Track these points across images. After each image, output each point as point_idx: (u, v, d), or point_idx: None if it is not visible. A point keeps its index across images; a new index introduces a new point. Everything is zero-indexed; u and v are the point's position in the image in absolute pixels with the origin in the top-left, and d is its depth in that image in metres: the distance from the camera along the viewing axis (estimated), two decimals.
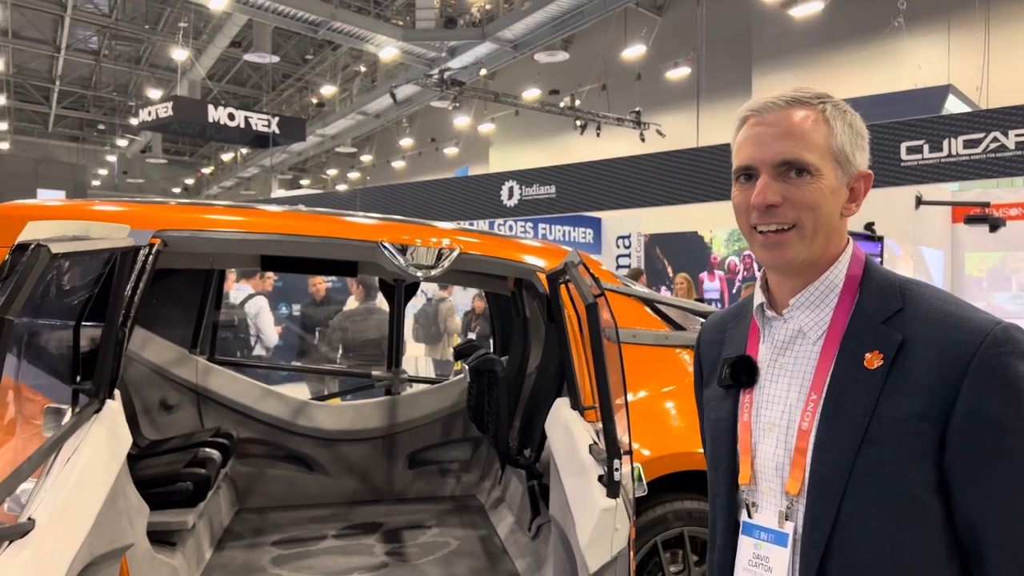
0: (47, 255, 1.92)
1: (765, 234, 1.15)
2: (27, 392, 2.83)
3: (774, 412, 1.20)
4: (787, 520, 1.17)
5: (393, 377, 4.69)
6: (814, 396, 1.14)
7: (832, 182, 1.14)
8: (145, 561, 2.85)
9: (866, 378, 1.10)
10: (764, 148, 1.15)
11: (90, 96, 28.81)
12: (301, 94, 29.03)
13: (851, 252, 1.20)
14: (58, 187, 14.90)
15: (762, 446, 1.21)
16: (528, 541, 3.64)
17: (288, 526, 4.10)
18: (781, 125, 1.15)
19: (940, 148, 5.97)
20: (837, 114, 1.17)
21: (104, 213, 2.95)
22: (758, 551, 1.20)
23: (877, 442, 1.07)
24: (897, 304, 1.13)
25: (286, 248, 3.23)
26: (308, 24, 18.06)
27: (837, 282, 1.18)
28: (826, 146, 1.14)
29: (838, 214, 1.17)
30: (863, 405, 1.09)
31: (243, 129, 18.88)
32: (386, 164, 31.72)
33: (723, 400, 1.29)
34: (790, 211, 1.13)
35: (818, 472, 1.12)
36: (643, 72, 19.60)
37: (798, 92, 1.18)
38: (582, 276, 2.68)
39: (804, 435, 1.14)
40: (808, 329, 1.19)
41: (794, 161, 1.13)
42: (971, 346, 1.05)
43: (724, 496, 1.28)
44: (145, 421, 4.16)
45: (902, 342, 1.09)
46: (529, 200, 8.59)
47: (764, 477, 1.21)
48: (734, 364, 1.26)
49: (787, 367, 1.20)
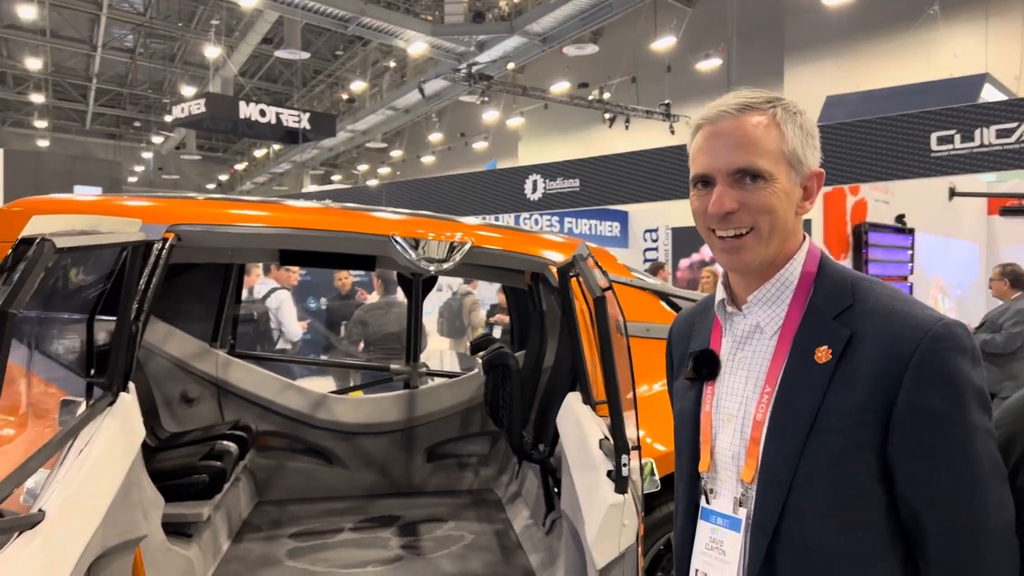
0: (52, 249, 1.93)
1: (724, 239, 1.20)
2: (41, 385, 2.87)
3: (733, 403, 1.25)
4: (740, 506, 1.22)
5: (411, 371, 4.70)
6: (768, 389, 1.20)
7: (786, 185, 1.19)
8: (160, 552, 2.88)
9: (815, 372, 1.15)
10: (719, 157, 1.19)
11: (126, 94, 29.31)
12: (332, 90, 29.24)
13: (806, 250, 1.25)
14: (94, 183, 15.14)
15: (721, 436, 1.26)
16: (542, 536, 3.62)
17: (306, 519, 4.12)
18: (734, 133, 1.18)
19: (972, 138, 5.82)
20: (787, 117, 1.20)
21: (118, 207, 2.97)
22: (714, 535, 1.26)
23: (824, 433, 1.12)
24: (848, 300, 1.18)
25: (299, 242, 3.24)
26: (337, 20, 18.17)
27: (792, 279, 1.23)
28: (778, 150, 1.18)
29: (793, 214, 1.21)
30: (812, 397, 1.14)
31: (274, 125, 19.05)
32: (416, 159, 31.85)
33: (688, 391, 1.35)
34: (747, 216, 1.18)
35: (769, 461, 1.17)
36: (673, 64, 19.43)
37: (748, 98, 1.21)
38: (590, 269, 2.65)
39: (758, 426, 1.19)
40: (764, 324, 1.24)
41: (748, 168, 1.17)
42: (913, 341, 1.10)
43: (685, 483, 1.34)
44: (166, 414, 4.20)
45: (850, 337, 1.14)
46: (553, 194, 8.56)
47: (722, 465, 1.26)
48: (697, 357, 1.32)
49: (745, 361, 1.26)
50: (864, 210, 7.29)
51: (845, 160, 6.62)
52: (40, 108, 29.42)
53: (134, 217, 2.79)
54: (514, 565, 3.57)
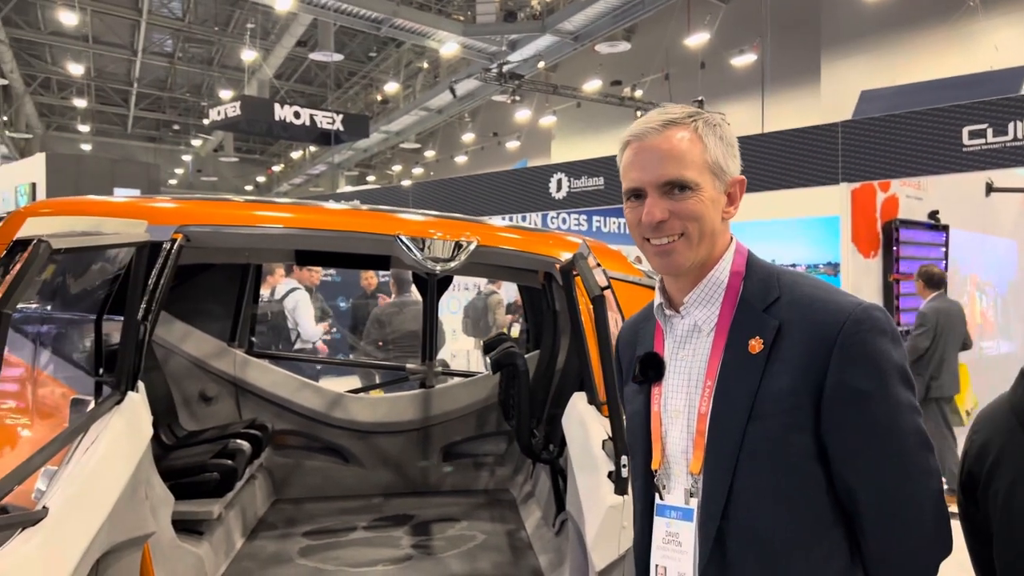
0: (47, 250, 1.95)
1: (657, 245, 1.27)
2: (51, 383, 2.93)
3: (678, 400, 1.31)
4: (692, 497, 1.27)
5: (427, 370, 4.71)
6: (709, 382, 1.26)
7: (711, 192, 1.26)
8: (169, 549, 2.91)
9: (750, 362, 1.22)
10: (648, 171, 1.26)
11: (166, 97, 29.85)
12: (366, 91, 29.45)
13: (734, 250, 1.32)
14: (133, 186, 15.42)
15: (671, 432, 1.31)
16: (552, 536, 3.61)
17: (321, 517, 4.15)
18: (661, 148, 1.25)
19: (1005, 131, 5.65)
20: (709, 130, 1.27)
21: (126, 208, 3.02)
22: (669, 529, 1.30)
23: (762, 418, 1.19)
24: (775, 293, 1.25)
25: (306, 242, 3.27)
26: (370, 22, 18.29)
27: (723, 279, 1.30)
28: (702, 161, 1.25)
29: (719, 219, 1.29)
30: (748, 386, 1.20)
31: (308, 127, 19.26)
32: (449, 159, 31.94)
33: (637, 395, 1.39)
34: (677, 223, 1.25)
35: (713, 449, 1.23)
36: (707, 60, 19.19)
37: (670, 114, 1.28)
38: (590, 268, 2.62)
39: (703, 418, 1.25)
40: (702, 323, 1.31)
41: (676, 180, 1.24)
42: (835, 326, 1.18)
43: (640, 481, 1.38)
44: (184, 412, 4.27)
45: (779, 327, 1.21)
46: (577, 192, 8.51)
47: (673, 460, 1.31)
48: (642, 361, 1.37)
49: (686, 359, 1.32)
50: (895, 207, 7.13)
51: (874, 156, 6.48)
52: (83, 112, 30.09)
53: (140, 218, 2.83)
54: (523, 566, 3.56)
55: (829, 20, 17.21)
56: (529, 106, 24.03)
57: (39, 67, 26.17)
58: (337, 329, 9.08)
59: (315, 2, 16.92)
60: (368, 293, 7.80)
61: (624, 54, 19.88)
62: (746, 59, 18.12)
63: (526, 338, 5.00)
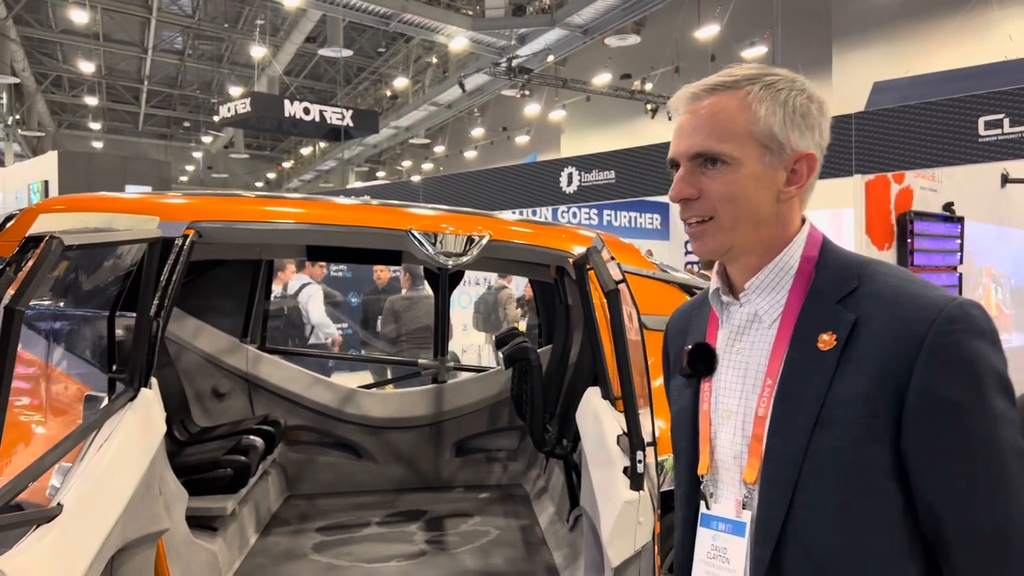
0: (59, 247, 1.94)
1: (689, 224, 1.15)
2: (64, 380, 2.93)
3: (731, 399, 1.17)
4: (745, 509, 1.13)
5: (440, 365, 4.69)
6: (769, 381, 1.11)
7: (755, 169, 1.10)
8: (183, 545, 2.91)
9: (819, 360, 1.06)
10: (680, 140, 1.14)
11: (176, 95, 29.95)
12: (375, 87, 29.47)
13: (806, 233, 1.16)
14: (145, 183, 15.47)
15: (721, 435, 1.18)
16: (566, 532, 3.59)
17: (334, 512, 4.15)
18: (698, 116, 1.13)
19: (1021, 122, 5.59)
20: (766, 95, 1.11)
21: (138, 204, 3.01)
22: (716, 543, 1.16)
23: (830, 426, 1.03)
24: (853, 283, 1.09)
25: (318, 237, 3.26)
26: (379, 17, 18.26)
27: (791, 264, 1.14)
28: (746, 132, 1.10)
29: (771, 199, 1.12)
30: (816, 388, 1.05)
31: (318, 123, 19.29)
32: (459, 154, 31.93)
33: (684, 390, 1.26)
34: (705, 204, 1.12)
35: (772, 458, 1.08)
36: (717, 53, 19.06)
37: (722, 76, 1.14)
38: (603, 263, 2.60)
39: (760, 421, 1.11)
40: (763, 313, 1.16)
41: (705, 152, 1.11)
42: (923, 323, 1.01)
43: (685, 487, 1.25)
44: (197, 408, 4.27)
45: (855, 322, 1.06)
46: (588, 186, 8.47)
47: (723, 466, 1.17)
48: (691, 352, 1.23)
49: (743, 353, 1.17)
50: (909, 198, 7.06)
51: (888, 147, 6.42)
52: (94, 110, 30.24)
53: (153, 214, 2.82)
54: (536, 561, 3.55)
55: (840, 11, 17.08)
56: (538, 100, 23.97)
57: (50, 65, 26.31)
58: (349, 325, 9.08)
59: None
60: (380, 288, 7.80)
61: (634, 47, 19.78)
62: (757, 51, 18.01)
63: (538, 332, 4.98)
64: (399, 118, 27.08)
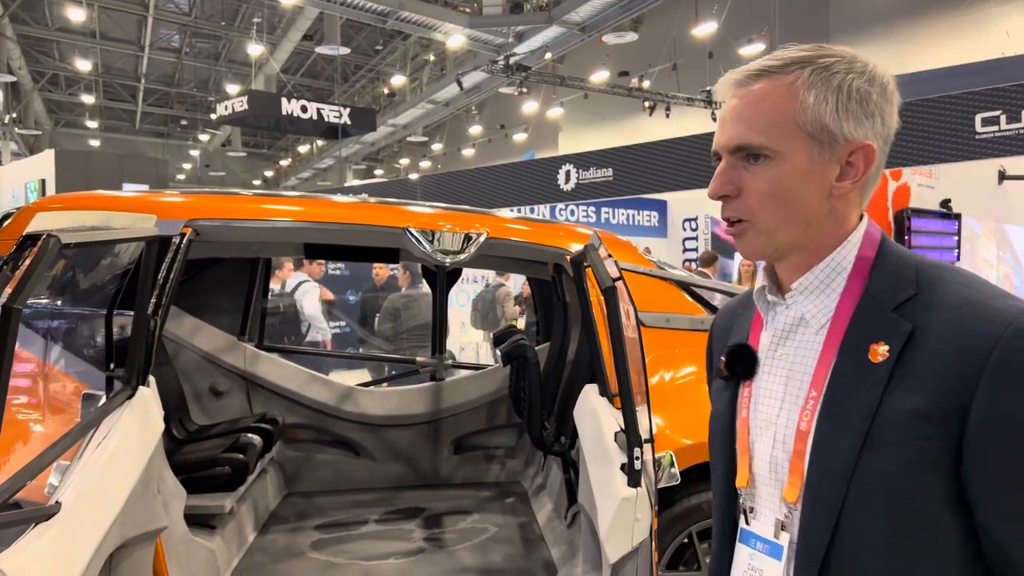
0: (57, 245, 1.94)
1: (729, 223, 1.07)
2: (59, 378, 2.93)
3: (771, 408, 1.09)
4: (783, 531, 1.05)
5: (438, 363, 4.70)
6: (814, 393, 1.02)
7: (802, 163, 1.00)
8: (182, 544, 2.92)
9: (870, 372, 0.97)
10: (722, 131, 1.05)
11: (173, 93, 29.93)
12: (373, 85, 29.46)
13: (863, 231, 1.06)
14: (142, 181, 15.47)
15: (759, 445, 1.10)
16: (564, 529, 3.60)
17: (332, 510, 4.15)
18: (741, 104, 1.03)
19: (1018, 118, 5.61)
20: (817, 80, 1.00)
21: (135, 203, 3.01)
22: (753, 562, 1.09)
23: (881, 446, 0.94)
24: (911, 289, 1.00)
25: (316, 235, 3.26)
26: (377, 15, 18.27)
27: (844, 265, 1.05)
28: (791, 123, 1.00)
29: (821, 196, 1.02)
30: (865, 404, 0.96)
31: (316, 121, 19.26)
32: (456, 152, 31.94)
33: (722, 393, 1.18)
34: (745, 202, 1.03)
35: (815, 479, 1.00)
36: (715, 50, 19.09)
37: (770, 60, 1.04)
38: (601, 260, 2.60)
39: (802, 436, 1.02)
40: (810, 317, 1.06)
41: (744, 146, 1.02)
42: (990, 337, 0.91)
43: (721, 499, 1.18)
44: (195, 407, 4.27)
45: (912, 332, 0.96)
46: (586, 184, 8.49)
47: (762, 480, 1.09)
48: (730, 353, 1.15)
49: (786, 358, 1.08)
50: (907, 195, 7.08)
51: None
52: (91, 108, 30.21)
53: (150, 212, 2.82)
54: (534, 558, 3.55)
55: (838, 8, 17.10)
56: (536, 98, 23.98)
57: (47, 64, 26.27)
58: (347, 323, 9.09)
59: None
60: (378, 285, 7.80)
61: (631, 44, 19.78)
62: (755, 48, 18.01)
63: (536, 330, 4.99)
64: (397, 116, 27.08)
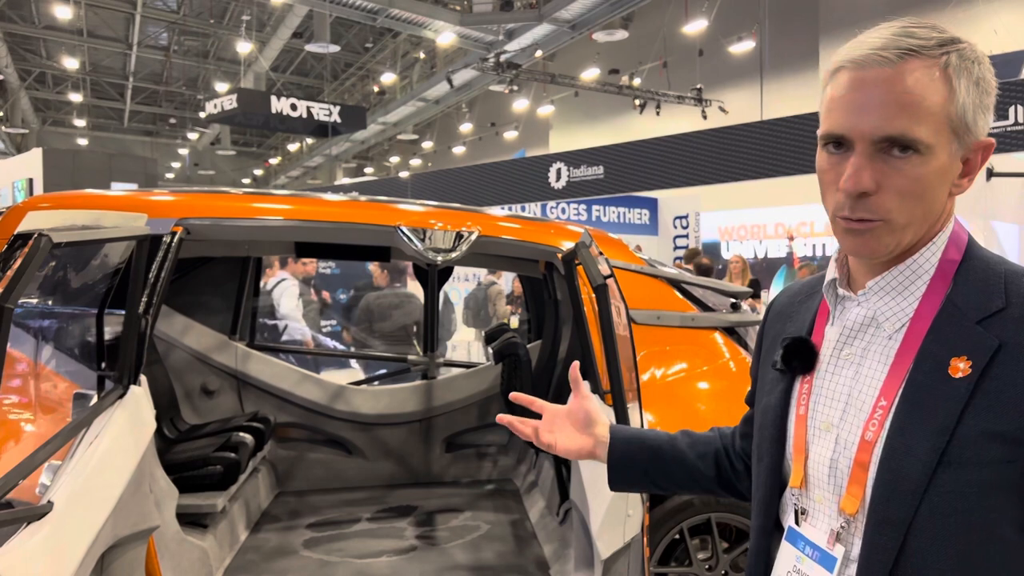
0: (48, 244, 1.94)
1: (848, 219, 0.95)
2: (51, 378, 2.92)
3: (833, 411, 1.02)
4: (838, 542, 0.99)
5: (429, 361, 4.70)
6: (883, 402, 0.96)
7: (944, 160, 0.92)
8: (174, 543, 2.92)
9: (949, 388, 0.91)
10: (863, 117, 0.91)
11: (162, 91, 29.75)
12: (363, 83, 29.38)
13: (950, 232, 0.99)
14: (130, 180, 15.40)
15: (816, 447, 1.03)
16: (556, 526, 3.61)
17: (325, 509, 4.16)
18: (888, 87, 0.90)
19: (1006, 116, 5.65)
20: (963, 68, 0.91)
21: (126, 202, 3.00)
22: (800, 566, 1.04)
23: (957, 466, 0.89)
24: (999, 302, 0.93)
25: (307, 234, 3.26)
26: (366, 12, 18.21)
27: (928, 267, 0.98)
28: (943, 114, 0.91)
29: (945, 195, 0.95)
30: (943, 420, 0.90)
31: (305, 119, 19.23)
32: (447, 150, 31.88)
33: (776, 385, 1.12)
34: (885, 200, 0.92)
35: (882, 495, 0.93)
36: (705, 48, 19.14)
37: (914, 37, 0.92)
38: (592, 258, 2.61)
39: (867, 446, 0.96)
40: (884, 319, 0.99)
41: (901, 138, 0.90)
42: None
43: (763, 493, 1.12)
44: (186, 406, 4.26)
45: (998, 348, 0.90)
46: (577, 181, 8.51)
47: (816, 484, 1.03)
48: (789, 345, 1.08)
49: (854, 359, 1.02)
50: None
51: None
52: (79, 107, 30.02)
53: (141, 211, 2.82)
54: (527, 555, 3.56)
55: (827, 6, 17.15)
56: (527, 96, 23.97)
57: (34, 62, 26.08)
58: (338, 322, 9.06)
59: None
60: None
61: (622, 42, 19.80)
62: (744, 46, 18.06)
63: (527, 328, 5.00)
64: (387, 114, 27.01)
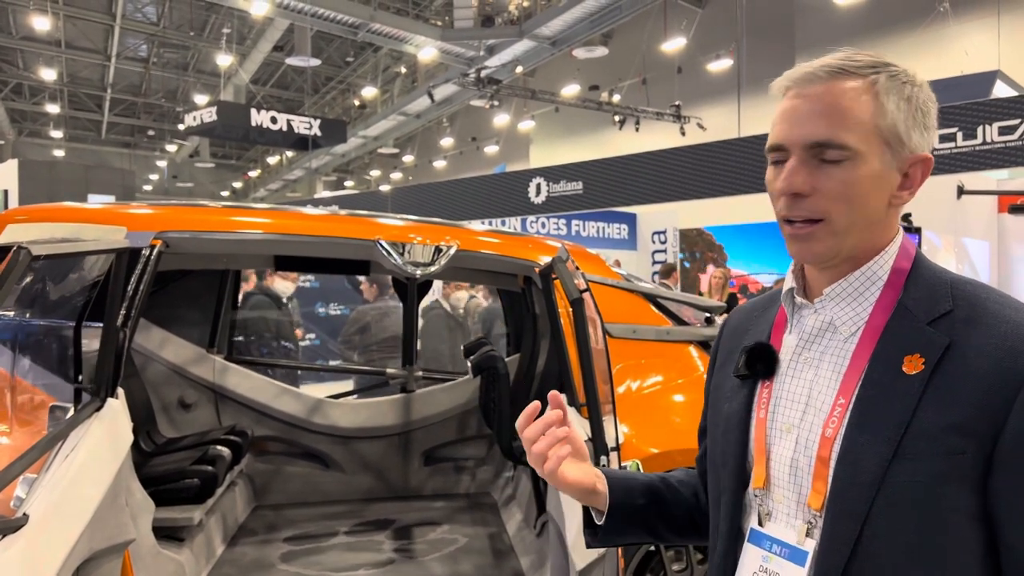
0: (27, 257, 1.95)
1: (791, 223, 1.03)
2: (27, 390, 2.91)
3: (794, 412, 1.07)
4: (808, 537, 1.03)
5: (408, 374, 4.71)
6: (842, 400, 1.01)
7: (876, 167, 1.00)
8: (150, 556, 2.90)
9: (903, 384, 0.97)
10: (796, 126, 1.01)
11: (140, 103, 29.59)
12: (343, 96, 29.40)
13: (899, 243, 1.07)
14: (108, 192, 15.27)
15: (778, 448, 1.08)
16: (533, 539, 3.63)
17: (302, 523, 4.15)
18: (819, 100, 1.00)
19: (974, 135, 5.78)
20: (892, 87, 1.01)
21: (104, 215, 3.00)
22: (767, 564, 1.08)
23: (911, 458, 0.94)
24: (946, 305, 1.00)
25: (286, 248, 3.27)
26: (348, 27, 18.28)
27: (881, 274, 1.05)
28: (872, 124, 0.99)
29: (884, 203, 1.02)
30: (897, 415, 0.95)
31: (285, 132, 19.19)
32: (428, 164, 31.93)
33: (737, 391, 1.16)
34: (820, 202, 1.00)
35: (840, 488, 0.99)
36: (683, 65, 19.38)
37: (846, 60, 1.02)
38: (569, 272, 2.65)
39: (827, 443, 1.01)
40: (840, 323, 1.06)
41: (829, 142, 0.99)
42: None
43: (729, 497, 1.15)
44: (163, 419, 4.24)
45: (948, 346, 0.96)
46: (556, 196, 8.57)
47: (778, 483, 1.08)
48: (751, 351, 1.14)
49: (812, 363, 1.07)
50: None
51: None
52: (56, 118, 29.77)
53: (120, 224, 2.82)
54: (504, 568, 3.58)
55: (802, 25, 17.45)
56: (507, 111, 24.12)
57: (11, 72, 25.87)
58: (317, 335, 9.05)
59: (292, 7, 16.89)
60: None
61: (601, 59, 20.01)
62: (722, 64, 18.32)
63: (506, 342, 5.02)
64: (367, 127, 27.04)
